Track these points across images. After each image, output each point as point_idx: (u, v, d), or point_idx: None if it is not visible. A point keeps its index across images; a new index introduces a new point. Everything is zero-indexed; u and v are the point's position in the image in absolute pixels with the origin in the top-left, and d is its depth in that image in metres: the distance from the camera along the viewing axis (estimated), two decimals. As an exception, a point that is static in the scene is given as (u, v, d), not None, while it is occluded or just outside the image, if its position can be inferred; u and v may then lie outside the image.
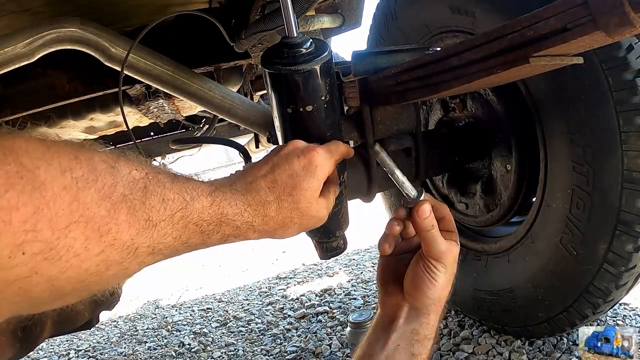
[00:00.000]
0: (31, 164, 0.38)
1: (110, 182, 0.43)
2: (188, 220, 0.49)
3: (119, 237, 0.42)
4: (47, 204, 0.37)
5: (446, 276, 0.72)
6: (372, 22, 1.60)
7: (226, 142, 1.40)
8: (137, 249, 0.44)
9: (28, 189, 0.36)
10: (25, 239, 0.35)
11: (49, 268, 0.37)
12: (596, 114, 0.96)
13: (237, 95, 1.43)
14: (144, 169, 0.47)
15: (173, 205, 0.48)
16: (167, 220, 0.47)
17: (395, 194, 1.78)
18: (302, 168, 0.62)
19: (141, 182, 0.46)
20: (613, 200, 0.98)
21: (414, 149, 1.16)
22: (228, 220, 0.54)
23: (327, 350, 1.68)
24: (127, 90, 1.55)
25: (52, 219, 0.37)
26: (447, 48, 0.80)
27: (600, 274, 1.05)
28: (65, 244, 0.38)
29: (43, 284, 0.38)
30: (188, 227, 0.49)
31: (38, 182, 0.37)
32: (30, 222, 0.36)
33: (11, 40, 1.07)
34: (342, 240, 0.97)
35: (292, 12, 0.70)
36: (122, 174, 0.44)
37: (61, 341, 2.49)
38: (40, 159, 0.38)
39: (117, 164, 0.45)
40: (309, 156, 0.64)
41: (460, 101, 1.37)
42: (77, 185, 0.40)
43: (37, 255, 0.36)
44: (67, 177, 0.39)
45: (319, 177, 0.64)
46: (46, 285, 0.38)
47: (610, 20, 0.52)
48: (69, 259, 0.38)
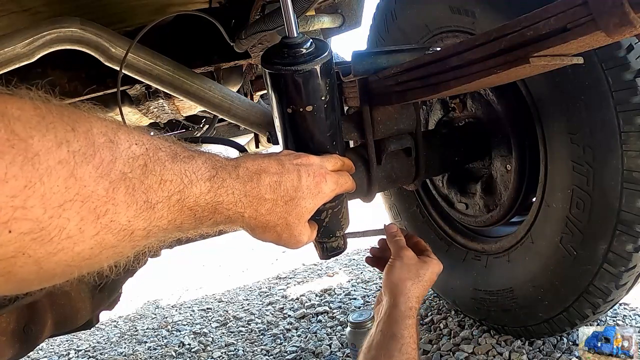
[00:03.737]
0: (24, 132, 0.33)
1: (109, 158, 0.39)
2: (184, 204, 0.47)
3: (115, 218, 0.39)
4: (41, 179, 0.33)
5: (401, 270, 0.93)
6: (372, 22, 1.60)
7: (226, 142, 1.40)
8: (133, 232, 0.41)
9: (19, 160, 0.32)
10: (13, 216, 0.32)
11: (37, 249, 0.34)
12: (596, 114, 0.96)
13: (237, 95, 1.43)
14: (144, 143, 0.43)
15: (171, 187, 0.45)
16: (163, 202, 0.44)
17: (395, 194, 1.78)
18: (307, 187, 0.62)
19: (141, 159, 0.42)
20: (613, 200, 0.98)
21: (414, 149, 1.16)
22: (222, 209, 0.52)
23: (327, 350, 1.68)
24: (127, 90, 1.55)
25: (45, 196, 0.34)
26: (447, 48, 0.80)
27: (600, 274, 1.05)
28: (58, 224, 0.35)
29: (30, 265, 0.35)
30: (183, 211, 0.47)
31: (31, 153, 0.33)
32: (19, 198, 0.32)
33: (11, 40, 1.07)
34: (342, 240, 0.97)
35: (292, 12, 0.70)
36: (121, 148, 0.40)
37: (61, 341, 2.49)
38: (34, 128, 0.34)
39: (116, 136, 0.41)
40: (317, 180, 0.64)
41: (460, 101, 1.37)
42: (74, 160, 0.36)
43: (25, 235, 0.33)
44: (64, 150, 0.35)
45: (317, 202, 0.65)
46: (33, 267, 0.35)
47: (610, 20, 0.52)
48: (61, 241, 0.35)
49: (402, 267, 0.94)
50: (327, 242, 0.95)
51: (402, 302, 0.89)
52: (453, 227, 1.55)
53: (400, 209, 1.78)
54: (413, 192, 1.65)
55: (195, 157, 0.50)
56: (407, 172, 1.20)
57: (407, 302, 0.89)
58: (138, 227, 0.41)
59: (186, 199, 0.47)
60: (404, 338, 0.84)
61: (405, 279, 0.92)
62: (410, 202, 1.70)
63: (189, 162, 0.49)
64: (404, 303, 0.89)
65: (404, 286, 0.91)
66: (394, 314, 0.88)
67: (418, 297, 0.91)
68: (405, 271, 0.93)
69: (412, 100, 0.96)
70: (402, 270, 0.93)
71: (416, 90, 0.87)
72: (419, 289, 0.92)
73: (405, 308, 0.88)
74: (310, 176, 0.63)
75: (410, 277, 0.92)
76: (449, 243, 1.56)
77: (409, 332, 0.86)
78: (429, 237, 1.65)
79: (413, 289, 0.91)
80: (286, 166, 0.62)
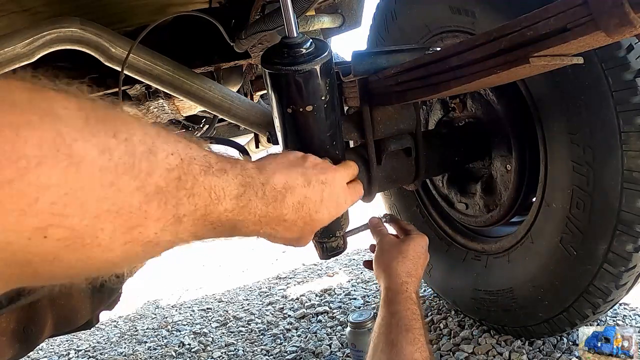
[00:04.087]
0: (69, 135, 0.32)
1: (146, 170, 0.38)
2: (206, 219, 0.46)
3: (144, 231, 0.38)
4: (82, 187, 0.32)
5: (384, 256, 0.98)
6: (372, 22, 1.60)
7: (226, 142, 1.40)
8: (158, 244, 0.41)
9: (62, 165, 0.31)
10: (50, 223, 0.31)
11: (67, 255, 0.34)
12: (596, 114, 0.96)
13: (237, 95, 1.43)
14: (180, 153, 0.42)
15: (198, 201, 0.44)
16: (189, 216, 0.43)
17: (395, 194, 1.78)
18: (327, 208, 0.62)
19: (176, 172, 0.41)
20: (613, 200, 0.98)
21: (414, 149, 1.16)
22: (241, 226, 0.52)
23: (327, 350, 1.68)
24: (127, 90, 1.55)
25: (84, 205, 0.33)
26: (447, 48, 0.80)
27: (600, 274, 1.05)
28: (92, 233, 0.34)
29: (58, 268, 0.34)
30: (205, 225, 0.46)
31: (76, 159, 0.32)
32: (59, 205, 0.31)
33: (11, 40, 1.07)
34: (342, 240, 0.97)
35: (292, 12, 0.70)
36: (158, 159, 0.39)
37: (61, 341, 2.49)
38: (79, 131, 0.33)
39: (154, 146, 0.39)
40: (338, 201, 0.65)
41: (460, 101, 1.37)
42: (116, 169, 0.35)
43: (59, 241, 0.32)
44: (106, 157, 0.34)
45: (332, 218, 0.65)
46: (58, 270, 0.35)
47: (610, 20, 0.52)
48: (92, 249, 0.35)
49: (384, 253, 0.99)
50: (327, 242, 0.95)
51: (393, 282, 0.92)
52: (453, 227, 1.55)
53: (400, 209, 1.78)
54: (413, 192, 1.65)
55: (227, 170, 0.49)
56: (407, 172, 1.20)
57: (397, 279, 0.92)
58: (164, 239, 0.41)
59: (210, 214, 0.46)
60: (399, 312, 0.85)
61: (390, 262, 0.95)
62: (410, 202, 1.70)
63: (220, 176, 0.47)
64: (394, 282, 0.91)
65: (390, 268, 0.94)
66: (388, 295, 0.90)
67: (408, 272, 0.93)
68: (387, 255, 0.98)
69: (412, 100, 0.96)
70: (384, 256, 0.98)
71: (416, 90, 0.87)
72: (405, 265, 0.94)
73: (395, 285, 0.91)
74: (332, 197, 0.63)
75: (394, 257, 0.96)
76: (449, 243, 1.56)
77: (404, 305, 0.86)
78: (429, 237, 1.65)
79: (399, 266, 0.94)
80: (312, 184, 0.61)
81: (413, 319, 0.84)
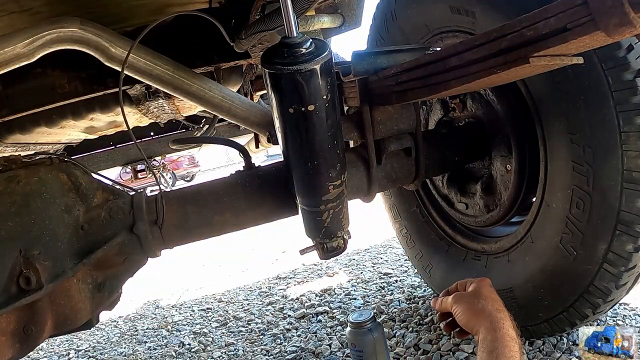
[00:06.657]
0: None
1: None
2: None
3: None
4: None
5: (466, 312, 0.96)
6: (372, 22, 1.60)
7: (226, 142, 1.40)
8: None
9: None
10: None
11: None
12: (596, 114, 0.96)
13: (237, 95, 1.43)
14: None
15: None
16: None
17: (395, 194, 1.78)
18: None
19: None
20: (613, 200, 0.98)
21: (414, 149, 1.16)
22: None
23: (327, 350, 1.68)
24: (127, 90, 1.55)
25: None
26: (447, 48, 0.80)
27: (600, 274, 1.05)
28: None
29: None
30: None
31: None
32: None
33: (11, 40, 1.07)
34: (342, 240, 0.97)
35: (292, 12, 0.70)
36: None
37: (61, 341, 2.49)
38: None
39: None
40: None
41: (460, 101, 1.37)
42: None
43: None
44: None
45: None
46: None
47: (610, 21, 0.52)
48: None
49: (465, 310, 0.96)
50: (327, 242, 0.96)
51: (488, 327, 0.89)
52: (453, 227, 1.55)
53: (400, 209, 1.78)
54: (413, 192, 1.65)
55: None
56: (407, 172, 1.20)
57: (491, 320, 0.90)
58: None
59: None
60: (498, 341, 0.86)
61: (476, 312, 0.93)
62: (410, 202, 1.70)
63: None
64: (490, 323, 0.89)
65: (480, 317, 0.92)
66: (488, 339, 0.88)
67: (497, 309, 0.92)
68: (470, 310, 0.95)
69: (412, 100, 0.96)
70: (467, 311, 0.95)
71: (416, 90, 0.87)
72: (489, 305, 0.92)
73: (493, 325, 0.89)
74: None
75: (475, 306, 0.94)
76: (449, 243, 1.56)
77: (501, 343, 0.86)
78: (429, 237, 1.65)
79: (486, 310, 0.92)
80: None
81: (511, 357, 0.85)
